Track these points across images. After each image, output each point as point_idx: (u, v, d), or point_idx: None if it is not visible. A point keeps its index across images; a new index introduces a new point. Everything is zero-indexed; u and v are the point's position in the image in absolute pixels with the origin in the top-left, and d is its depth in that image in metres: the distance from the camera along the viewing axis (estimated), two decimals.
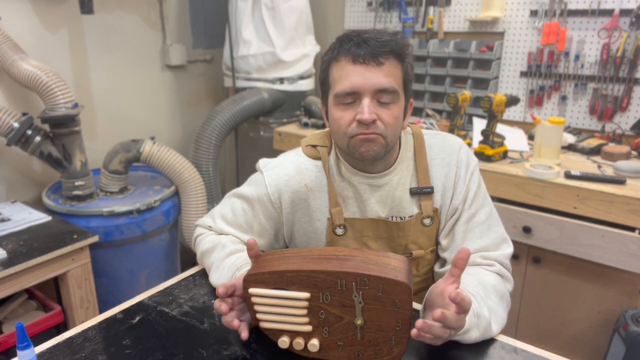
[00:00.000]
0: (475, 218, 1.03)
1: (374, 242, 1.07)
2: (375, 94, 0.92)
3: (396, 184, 1.04)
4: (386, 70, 0.92)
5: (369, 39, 0.92)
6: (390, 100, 0.93)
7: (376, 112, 0.93)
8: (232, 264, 1.01)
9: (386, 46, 0.92)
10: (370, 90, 0.92)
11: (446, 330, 0.78)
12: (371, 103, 0.92)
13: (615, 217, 1.65)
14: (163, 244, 2.23)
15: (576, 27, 2.17)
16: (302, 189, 1.06)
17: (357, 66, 0.92)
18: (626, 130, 2.13)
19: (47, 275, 1.70)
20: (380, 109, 0.93)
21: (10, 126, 1.86)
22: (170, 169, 2.18)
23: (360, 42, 0.92)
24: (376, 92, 0.92)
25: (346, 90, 0.93)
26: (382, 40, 0.92)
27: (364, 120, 0.91)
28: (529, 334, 1.95)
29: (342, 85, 0.93)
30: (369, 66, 0.91)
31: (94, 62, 2.37)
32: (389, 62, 0.93)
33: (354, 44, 0.92)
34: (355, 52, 0.92)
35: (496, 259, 1.01)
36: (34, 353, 0.78)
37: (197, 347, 0.88)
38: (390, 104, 0.94)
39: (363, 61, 0.92)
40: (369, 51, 0.91)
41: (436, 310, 0.74)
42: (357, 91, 0.93)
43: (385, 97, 0.93)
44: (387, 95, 0.93)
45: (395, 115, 0.95)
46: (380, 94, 0.92)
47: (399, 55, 0.94)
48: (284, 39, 2.55)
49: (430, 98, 2.57)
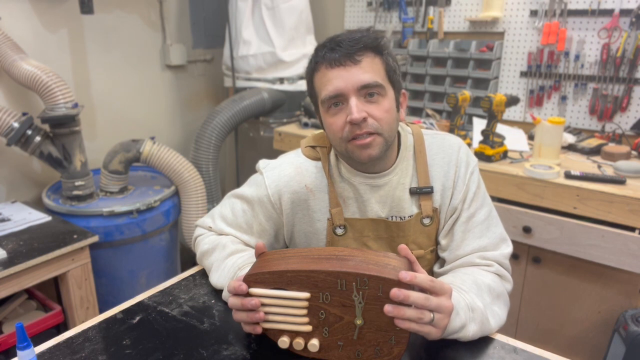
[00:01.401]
0: (475, 218, 1.03)
1: (374, 242, 1.07)
2: (359, 92, 0.93)
3: (396, 183, 1.04)
4: (365, 66, 0.92)
5: (342, 41, 0.93)
6: (377, 94, 0.94)
7: (365, 109, 0.93)
8: (233, 264, 1.01)
9: (359, 43, 0.92)
10: (353, 89, 0.92)
11: (416, 311, 0.75)
12: (358, 102, 0.93)
13: (615, 217, 1.65)
14: (163, 244, 2.23)
15: (576, 27, 2.17)
16: (302, 189, 1.06)
17: (335, 69, 0.93)
18: (626, 130, 2.13)
19: (47, 275, 1.70)
20: (369, 105, 0.94)
21: (10, 126, 1.86)
22: (170, 169, 2.18)
23: (334, 46, 0.93)
24: (360, 89, 0.92)
25: (330, 94, 0.94)
26: (354, 38, 0.93)
27: (354, 120, 0.92)
28: (529, 334, 1.95)
29: (326, 91, 0.94)
30: (347, 66, 0.92)
31: (94, 62, 2.37)
32: (365, 57, 0.93)
33: (328, 50, 0.94)
34: (330, 57, 0.93)
35: (494, 259, 1.00)
36: (34, 353, 0.78)
37: (197, 347, 0.88)
38: (378, 98, 0.94)
39: (340, 63, 0.92)
40: (344, 52, 0.92)
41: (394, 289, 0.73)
42: (341, 93, 0.93)
43: (371, 93, 0.93)
44: (371, 90, 0.93)
45: (386, 109, 0.95)
46: (365, 90, 0.93)
47: (375, 48, 0.94)
48: (284, 39, 2.55)
49: (430, 98, 2.57)
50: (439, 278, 1.02)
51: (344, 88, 0.92)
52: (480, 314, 0.87)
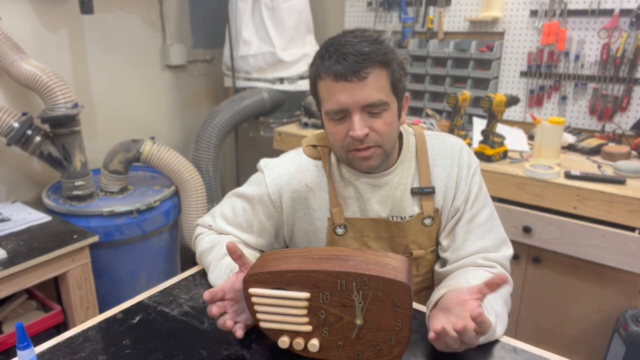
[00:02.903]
0: (477, 219, 1.03)
1: (374, 242, 1.07)
2: (363, 108, 0.92)
3: (397, 183, 1.04)
4: (371, 83, 0.90)
5: (348, 54, 0.89)
6: (381, 110, 0.93)
7: (368, 124, 0.93)
8: (228, 264, 1.01)
9: (367, 60, 0.89)
10: (357, 106, 0.92)
11: (459, 343, 0.78)
12: (361, 118, 0.92)
13: (615, 217, 1.65)
14: (163, 244, 2.23)
15: (576, 27, 2.17)
16: (302, 188, 1.06)
17: (340, 83, 0.90)
18: (626, 130, 2.13)
19: (47, 275, 1.70)
20: (372, 119, 0.93)
21: (10, 126, 1.86)
22: (170, 169, 2.18)
23: (340, 59, 0.89)
24: (364, 107, 0.92)
25: (334, 109, 0.93)
26: (362, 52, 0.89)
27: (356, 137, 0.92)
28: (529, 334, 1.95)
29: (330, 104, 0.93)
30: (352, 82, 0.90)
31: (94, 62, 2.37)
32: (372, 73, 0.90)
33: (334, 61, 0.90)
34: (336, 70, 0.90)
35: (497, 261, 1.01)
36: (34, 353, 0.78)
37: (197, 347, 0.88)
38: (382, 113, 0.94)
39: (345, 78, 0.90)
40: (350, 67, 0.89)
41: (458, 322, 0.76)
42: (345, 108, 0.92)
43: (374, 110, 0.93)
44: (376, 107, 0.92)
45: (389, 122, 0.95)
46: (369, 107, 0.92)
47: (382, 63, 0.92)
48: (284, 39, 2.55)
49: (430, 98, 2.57)
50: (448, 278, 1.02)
51: (348, 104, 0.92)
52: (491, 330, 0.85)
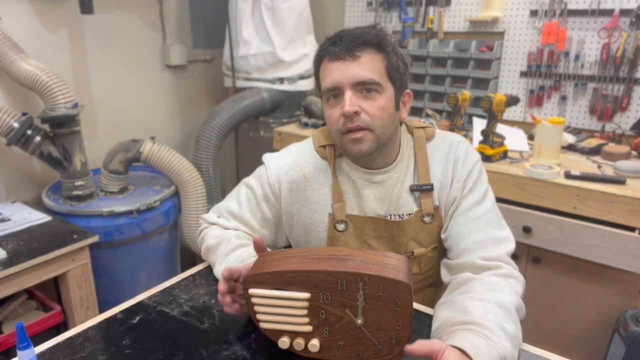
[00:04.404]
0: (475, 210, 1.01)
1: (374, 241, 1.08)
2: (355, 87, 0.95)
3: (395, 181, 1.05)
4: (363, 62, 0.95)
5: (344, 36, 0.96)
6: (374, 90, 0.96)
7: (360, 104, 0.95)
8: (238, 257, 1.02)
9: (359, 39, 0.95)
10: (349, 83, 0.95)
11: None
12: (353, 96, 0.95)
13: (615, 217, 1.65)
14: (163, 244, 2.23)
15: (576, 27, 2.17)
16: (300, 179, 1.08)
17: (335, 63, 0.96)
18: (626, 130, 2.13)
19: (47, 275, 1.70)
20: (365, 100, 0.96)
21: (10, 126, 1.86)
22: (170, 169, 2.18)
23: (337, 40, 0.96)
24: (355, 84, 0.95)
25: (328, 86, 0.97)
26: (356, 34, 0.95)
27: (345, 113, 0.94)
28: (529, 334, 1.94)
29: (325, 83, 0.98)
30: (346, 61, 0.95)
31: (94, 62, 2.37)
32: (365, 54, 0.95)
33: (331, 43, 0.97)
34: (332, 50, 0.96)
35: (499, 259, 0.96)
36: (34, 353, 0.78)
37: (197, 347, 0.88)
38: (374, 95, 0.96)
39: (339, 57, 0.95)
40: (344, 46, 0.95)
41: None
42: (338, 86, 0.96)
43: (367, 89, 0.95)
44: (367, 86, 0.95)
45: (381, 106, 0.96)
46: (361, 86, 0.95)
47: (376, 45, 0.96)
48: (284, 39, 2.55)
49: (430, 98, 2.57)
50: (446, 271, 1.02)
51: (341, 81, 0.95)
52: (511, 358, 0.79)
